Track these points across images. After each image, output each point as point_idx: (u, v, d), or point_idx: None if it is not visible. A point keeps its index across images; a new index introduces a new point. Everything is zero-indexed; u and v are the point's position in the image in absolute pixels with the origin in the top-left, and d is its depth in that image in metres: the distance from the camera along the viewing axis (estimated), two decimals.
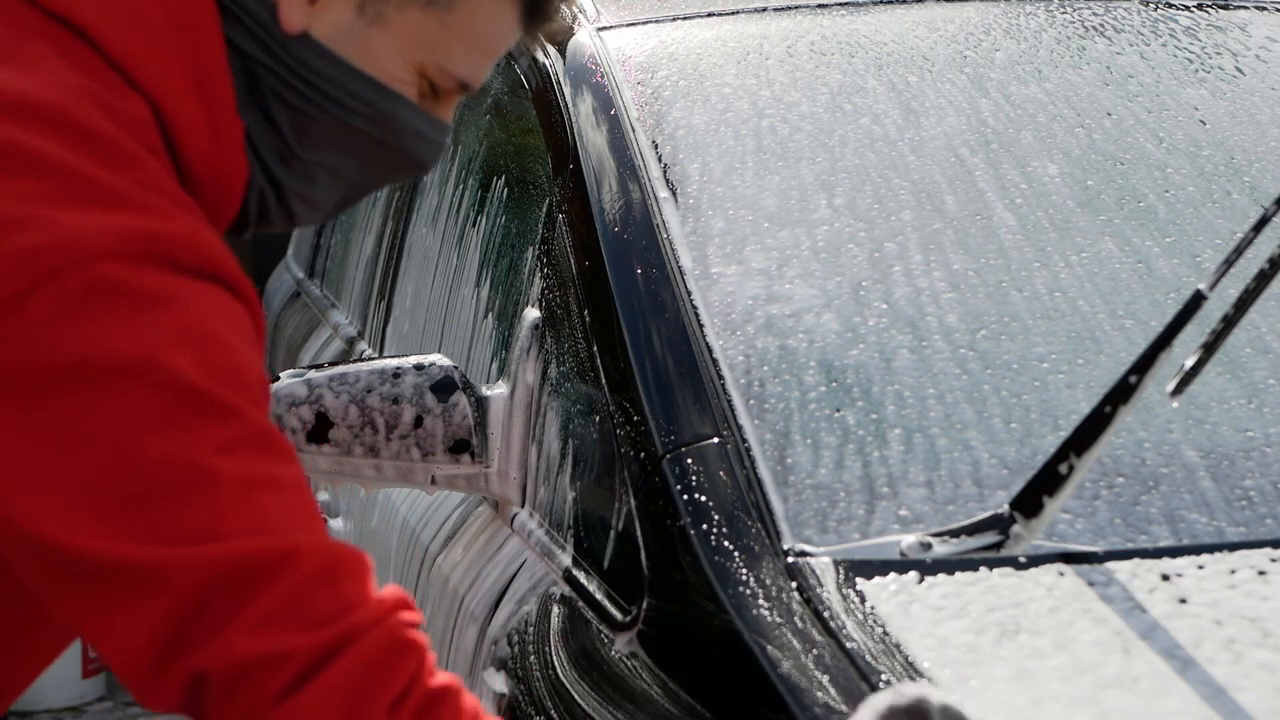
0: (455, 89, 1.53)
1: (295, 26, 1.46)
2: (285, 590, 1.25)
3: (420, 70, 1.49)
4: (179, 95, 1.41)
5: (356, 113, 1.48)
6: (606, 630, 1.78)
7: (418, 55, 1.48)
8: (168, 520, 1.25)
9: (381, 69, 1.48)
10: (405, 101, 1.49)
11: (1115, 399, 1.53)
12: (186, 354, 1.27)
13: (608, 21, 2.46)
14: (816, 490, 1.69)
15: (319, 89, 1.47)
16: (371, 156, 1.53)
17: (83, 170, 1.30)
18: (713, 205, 2.06)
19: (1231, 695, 1.37)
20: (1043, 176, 2.12)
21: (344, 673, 1.23)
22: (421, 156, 1.55)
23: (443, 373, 2.04)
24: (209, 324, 1.30)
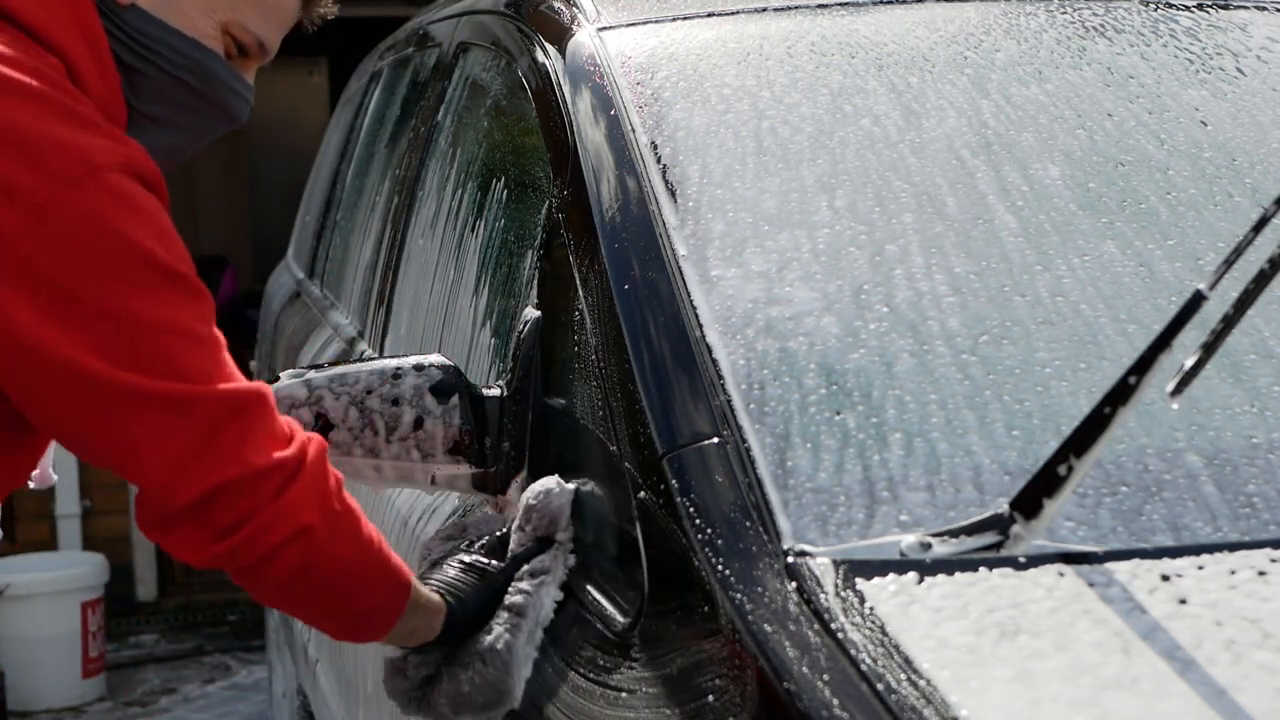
0: (256, 50, 1.91)
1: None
2: (263, 418, 1.71)
3: (225, 28, 1.87)
4: (78, 50, 1.77)
5: (180, 66, 1.85)
6: (606, 629, 1.78)
7: (222, 15, 1.86)
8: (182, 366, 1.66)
9: (196, 28, 1.85)
10: (218, 56, 1.87)
11: (1115, 400, 1.53)
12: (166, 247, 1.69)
13: (608, 21, 2.46)
14: (816, 490, 1.69)
15: (149, 48, 1.84)
16: (194, 110, 1.89)
17: (68, 100, 1.70)
18: (713, 206, 2.06)
19: (1232, 696, 1.37)
20: (1044, 179, 2.12)
21: (311, 470, 1.72)
22: (234, 109, 1.92)
23: (442, 373, 2.03)
24: (162, 223, 1.71)
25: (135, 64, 1.83)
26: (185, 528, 1.69)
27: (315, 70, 10.97)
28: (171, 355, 1.66)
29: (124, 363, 1.64)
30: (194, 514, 1.68)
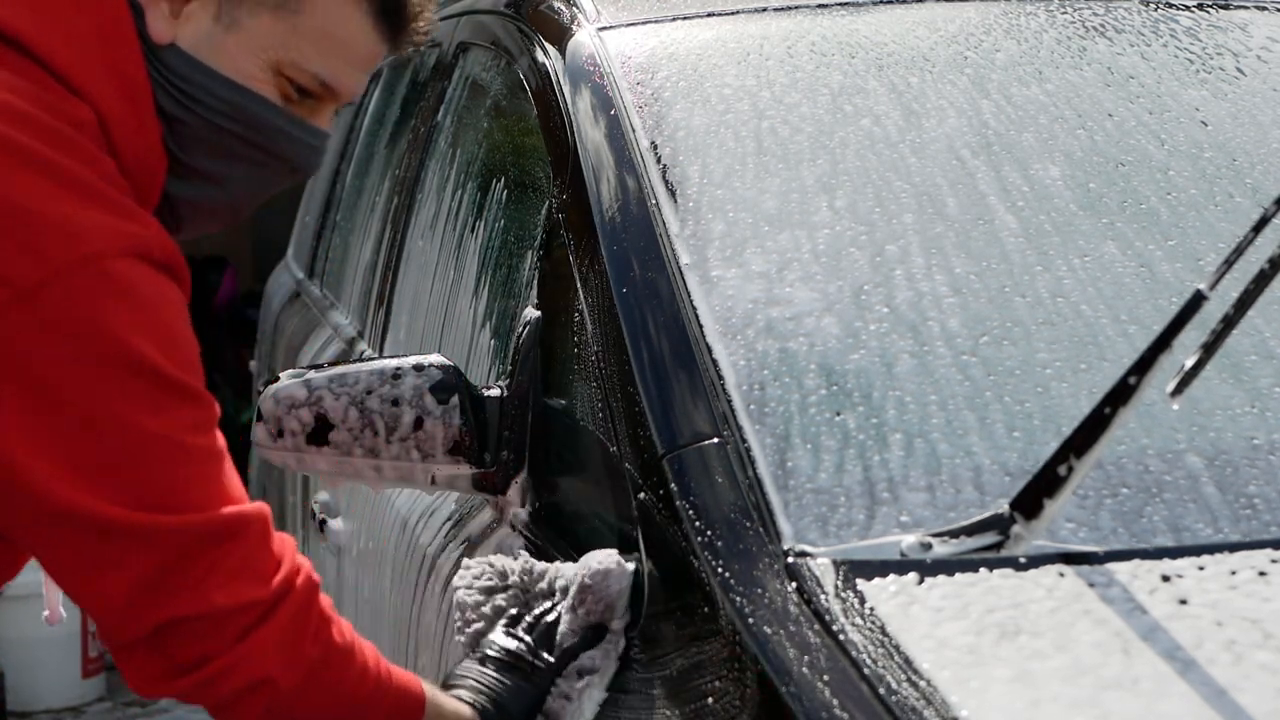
0: (320, 90, 1.66)
1: (163, 37, 1.62)
2: (243, 551, 1.54)
3: (276, 69, 1.64)
4: (113, 99, 1.58)
5: (222, 113, 1.63)
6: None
7: (273, 55, 1.63)
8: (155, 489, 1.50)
9: (240, 70, 1.63)
10: (265, 101, 1.64)
11: (1115, 400, 1.53)
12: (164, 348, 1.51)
13: (608, 21, 2.45)
14: (816, 491, 1.69)
15: (187, 94, 1.62)
16: (248, 161, 1.67)
17: (75, 170, 1.51)
18: (713, 206, 2.05)
19: (1232, 696, 1.37)
20: (1044, 179, 2.11)
21: (286, 615, 1.55)
22: (294, 158, 1.68)
23: (442, 373, 2.03)
24: (172, 318, 1.54)
25: (175, 111, 1.63)
26: (140, 657, 1.55)
27: None
28: (146, 478, 1.50)
29: (92, 486, 1.48)
30: (148, 645, 1.53)
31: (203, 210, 1.69)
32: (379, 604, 2.66)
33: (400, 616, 2.47)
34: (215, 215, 1.72)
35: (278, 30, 1.63)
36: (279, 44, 1.63)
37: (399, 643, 2.47)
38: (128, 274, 1.50)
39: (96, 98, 1.58)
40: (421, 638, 2.34)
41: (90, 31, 1.59)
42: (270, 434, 2.03)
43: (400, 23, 1.68)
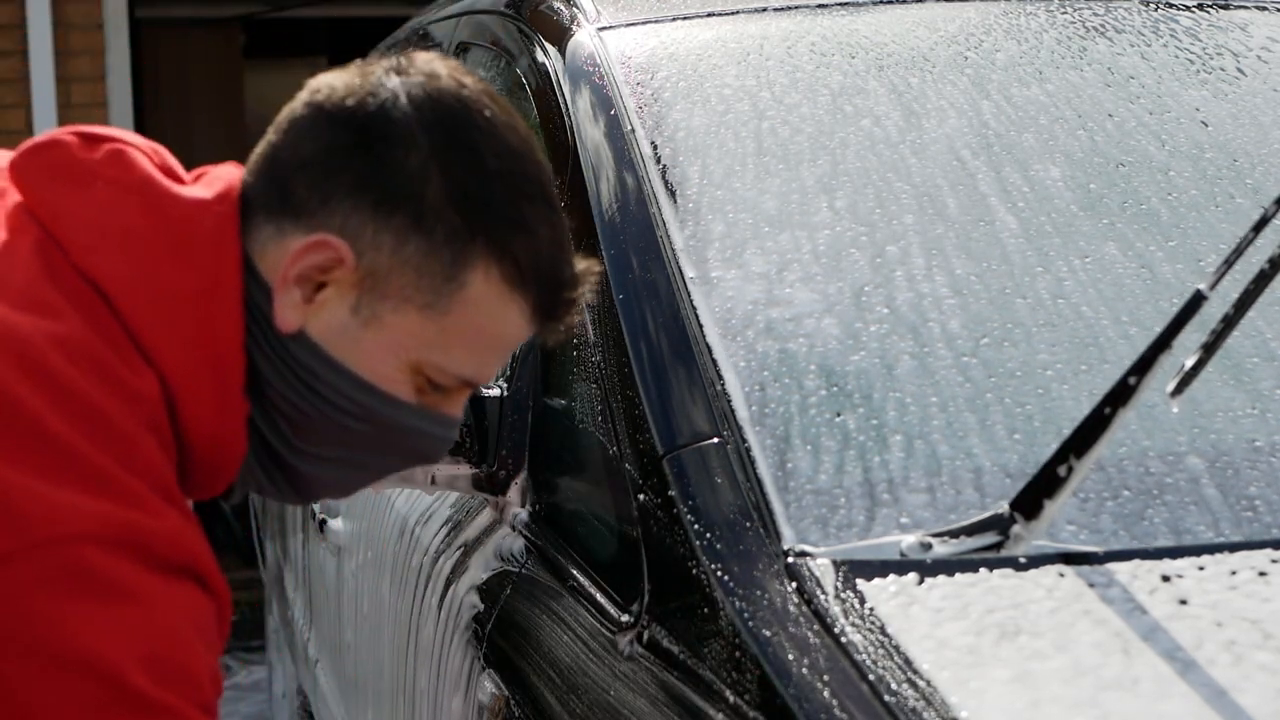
0: (459, 386, 1.51)
1: (291, 325, 1.45)
2: None
3: (417, 369, 1.47)
4: (190, 370, 1.42)
5: (350, 414, 1.47)
6: (606, 629, 1.78)
7: (414, 355, 1.46)
8: None
9: (375, 370, 1.46)
10: (399, 402, 1.48)
11: (1115, 400, 1.52)
12: (139, 655, 1.30)
13: (608, 21, 2.45)
14: (816, 491, 1.69)
15: (312, 388, 1.46)
16: (373, 449, 1.52)
17: (76, 446, 1.33)
18: (713, 207, 2.05)
19: (1232, 697, 1.37)
20: (1045, 179, 2.11)
21: None
22: (425, 451, 1.53)
23: None
24: (169, 624, 1.33)
25: (294, 399, 1.47)
26: None
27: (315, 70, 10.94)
28: None
29: None
30: None
31: (319, 484, 1.55)
32: (379, 604, 2.66)
33: (400, 617, 2.47)
34: (335, 488, 1.58)
35: (425, 331, 1.45)
36: (423, 345, 1.46)
37: (399, 643, 2.47)
38: (108, 566, 1.31)
39: (171, 369, 1.42)
40: (421, 638, 2.34)
41: (187, 296, 1.43)
42: None
43: (560, 315, 1.51)
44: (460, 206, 1.44)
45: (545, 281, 1.48)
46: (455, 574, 2.23)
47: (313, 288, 1.45)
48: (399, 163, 1.44)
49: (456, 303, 1.45)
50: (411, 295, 1.44)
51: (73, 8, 6.07)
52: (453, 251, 1.44)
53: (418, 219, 1.43)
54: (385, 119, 1.44)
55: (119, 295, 1.41)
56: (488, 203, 1.45)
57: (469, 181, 1.44)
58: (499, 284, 1.45)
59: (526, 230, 1.46)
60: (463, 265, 1.44)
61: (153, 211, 1.44)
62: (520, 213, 1.46)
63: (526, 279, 1.46)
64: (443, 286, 1.44)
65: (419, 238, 1.43)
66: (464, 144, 1.45)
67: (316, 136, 1.46)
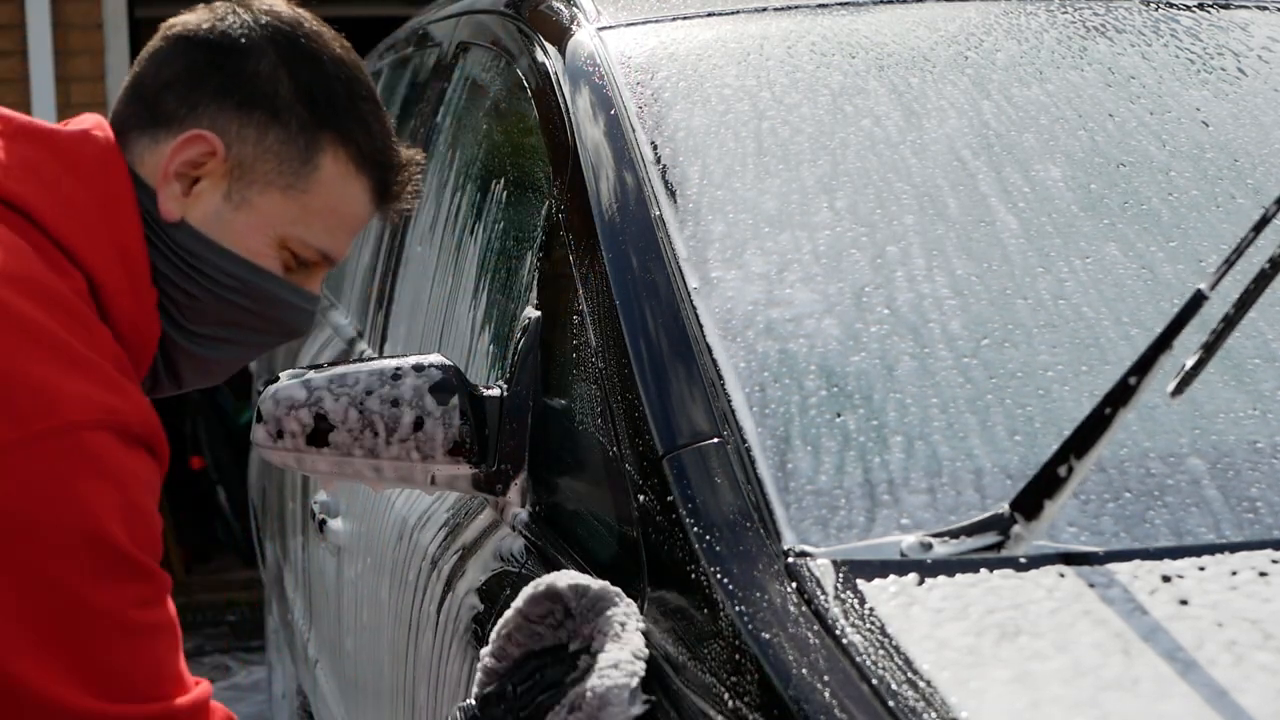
0: (319, 260, 1.79)
1: (173, 215, 1.73)
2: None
3: (282, 243, 1.75)
4: (110, 269, 1.66)
5: (229, 288, 1.73)
6: None
7: (280, 231, 1.74)
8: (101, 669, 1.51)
9: (248, 247, 1.73)
10: (272, 275, 1.75)
11: (1115, 400, 1.52)
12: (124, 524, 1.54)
13: (608, 21, 2.45)
14: (816, 491, 1.69)
15: (197, 269, 1.72)
16: (248, 326, 1.77)
17: (61, 336, 1.56)
18: (713, 207, 2.05)
19: (1233, 697, 1.37)
20: (1045, 180, 2.11)
21: None
22: (293, 323, 1.80)
23: (442, 374, 2.03)
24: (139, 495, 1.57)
25: (182, 283, 1.72)
26: None
27: None
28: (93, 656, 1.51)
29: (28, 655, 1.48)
30: None
31: (202, 367, 1.78)
32: (379, 605, 2.66)
33: (400, 617, 2.47)
34: (213, 372, 1.81)
35: (287, 208, 1.74)
36: (287, 221, 1.74)
37: (399, 643, 2.47)
38: (96, 446, 1.53)
39: (93, 267, 1.65)
40: (422, 638, 2.34)
41: (91, 204, 1.67)
42: (270, 435, 2.03)
43: (395, 194, 1.83)
44: (308, 102, 1.75)
45: (381, 165, 1.79)
46: (455, 574, 2.23)
47: (189, 182, 1.73)
48: (253, 70, 1.74)
49: (313, 183, 1.75)
50: (274, 179, 1.74)
51: (73, 8, 6.07)
52: (306, 139, 1.75)
53: (274, 113, 1.74)
54: (237, 37, 1.76)
55: (38, 211, 1.64)
56: (330, 99, 1.76)
57: (313, 82, 1.76)
58: (345, 165, 1.76)
59: (363, 122, 1.78)
60: (315, 150, 1.75)
61: (44, 145, 1.70)
62: (357, 108, 1.78)
63: (366, 162, 1.78)
64: (300, 169, 1.74)
65: (277, 128, 1.74)
66: (305, 53, 1.77)
67: (177, 59, 1.76)
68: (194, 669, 6.68)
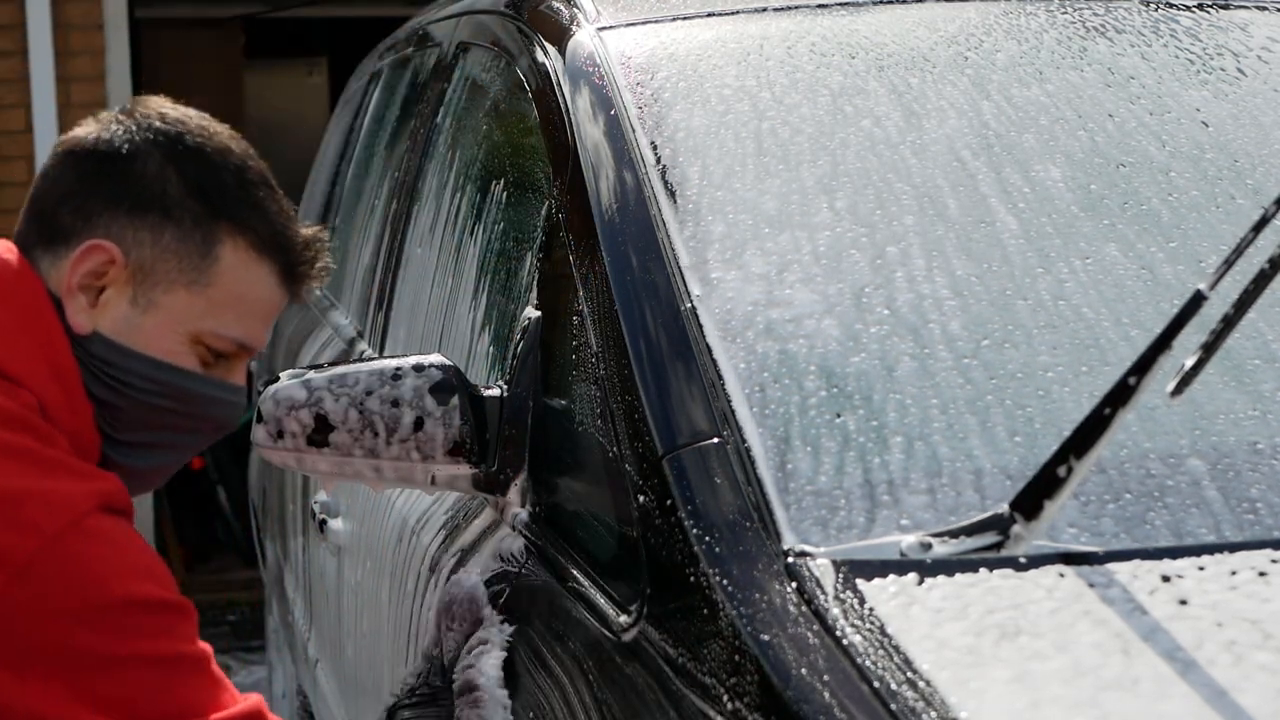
0: (236, 351, 1.81)
1: (84, 328, 1.75)
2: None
3: (196, 339, 1.77)
4: (47, 385, 1.71)
5: (151, 393, 1.76)
6: (606, 630, 1.78)
7: (191, 327, 1.76)
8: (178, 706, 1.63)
9: (162, 348, 1.76)
10: (190, 373, 1.77)
11: (1115, 400, 1.52)
12: (148, 578, 1.66)
13: (608, 21, 2.45)
14: (816, 492, 1.69)
15: (116, 379, 1.74)
16: (176, 429, 1.80)
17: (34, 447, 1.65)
18: (713, 207, 2.05)
19: (1233, 697, 1.37)
20: (1045, 180, 2.11)
21: None
22: (220, 417, 1.82)
23: (442, 374, 2.03)
24: (141, 550, 1.68)
25: (106, 395, 1.76)
26: None
27: (315, 70, 10.97)
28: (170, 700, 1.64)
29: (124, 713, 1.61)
30: None
31: (137, 475, 1.80)
32: (379, 605, 2.66)
33: (401, 617, 2.47)
34: (148, 479, 1.86)
35: (194, 304, 1.77)
36: (196, 316, 1.77)
37: (399, 643, 2.47)
38: (103, 526, 1.65)
39: (33, 385, 1.70)
40: (422, 638, 2.33)
41: (18, 328, 1.72)
42: (270, 435, 2.03)
43: (302, 275, 1.84)
44: (198, 195, 1.78)
45: (282, 247, 1.81)
46: (455, 574, 2.23)
47: (95, 293, 1.75)
48: (140, 173, 1.77)
49: (215, 275, 1.77)
50: (177, 277, 1.76)
51: (73, 8, 6.07)
52: (202, 232, 1.77)
53: (166, 212, 1.76)
54: (121, 144, 1.79)
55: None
56: (221, 189, 1.79)
57: (201, 175, 1.79)
58: (245, 252, 1.79)
59: (257, 208, 1.80)
60: (212, 242, 1.77)
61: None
62: (250, 195, 1.80)
63: (267, 246, 1.80)
64: (200, 263, 1.77)
65: (172, 227, 1.76)
66: (190, 148, 1.79)
67: (69, 173, 1.79)
68: None
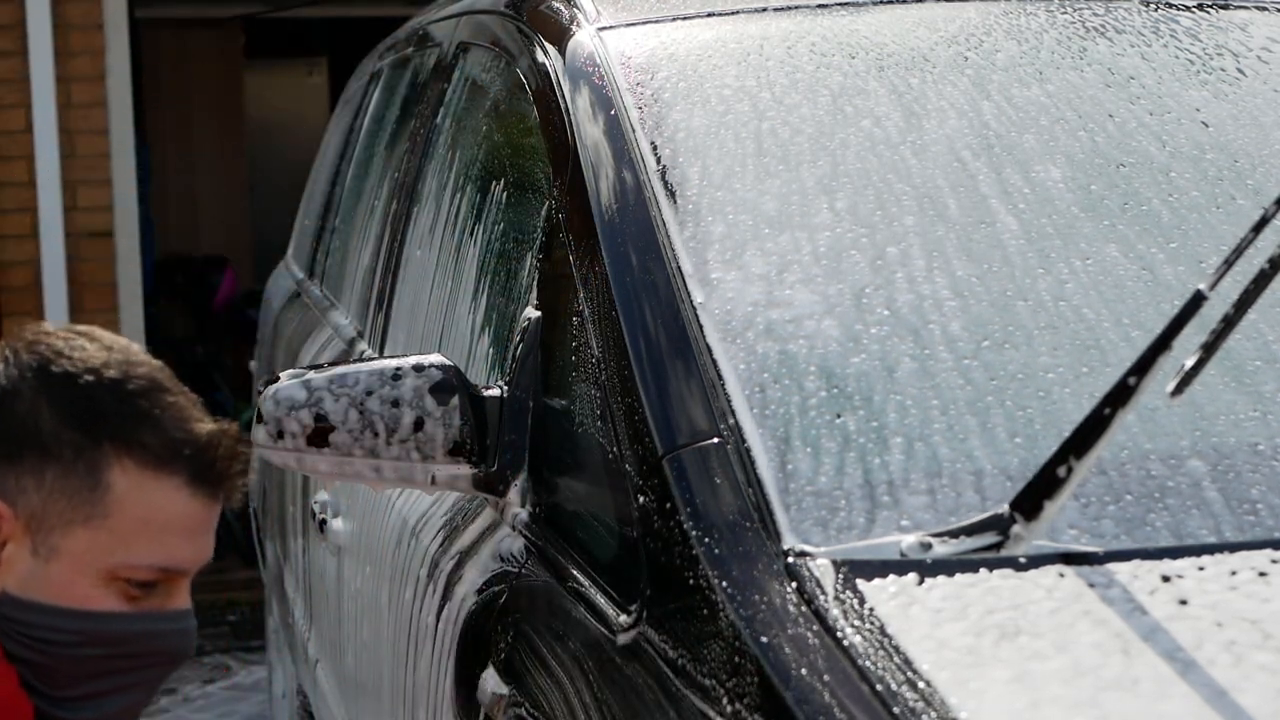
0: (162, 577, 1.63)
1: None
2: None
3: (111, 576, 1.60)
4: None
5: (76, 644, 1.60)
6: (606, 630, 1.78)
7: (102, 565, 1.60)
8: None
9: (75, 595, 1.60)
10: (112, 615, 1.61)
11: (1114, 401, 1.52)
12: None
13: (608, 21, 2.45)
14: (816, 492, 1.69)
15: (34, 638, 1.60)
16: (119, 671, 1.64)
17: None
18: (713, 208, 2.05)
19: (1233, 697, 1.37)
20: (1045, 181, 2.11)
21: None
22: (169, 648, 1.65)
23: (442, 374, 2.03)
24: None
25: (30, 655, 1.61)
26: None
27: (315, 70, 10.97)
28: None
29: None
30: None
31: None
32: (379, 605, 2.66)
33: (401, 617, 2.47)
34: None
35: (97, 541, 1.61)
36: (103, 553, 1.61)
37: (399, 643, 2.47)
38: None
39: None
40: (422, 638, 2.34)
41: None
42: (270, 435, 2.03)
43: (218, 476, 1.65)
44: (74, 424, 1.61)
45: (184, 455, 1.62)
46: (455, 574, 2.23)
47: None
48: (10, 414, 1.62)
49: (110, 504, 1.60)
50: (72, 516, 1.60)
51: (73, 8, 6.07)
52: (85, 462, 1.60)
53: (44, 451, 1.61)
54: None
55: None
56: (97, 411, 1.62)
57: (73, 401, 1.62)
58: (139, 472, 1.61)
59: (144, 418, 1.62)
60: (99, 469, 1.60)
61: None
62: (132, 407, 1.63)
63: (164, 459, 1.62)
64: (91, 495, 1.60)
65: (52, 464, 1.61)
66: (58, 375, 1.63)
67: None
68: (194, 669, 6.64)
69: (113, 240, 6.06)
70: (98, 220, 6.05)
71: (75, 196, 6.02)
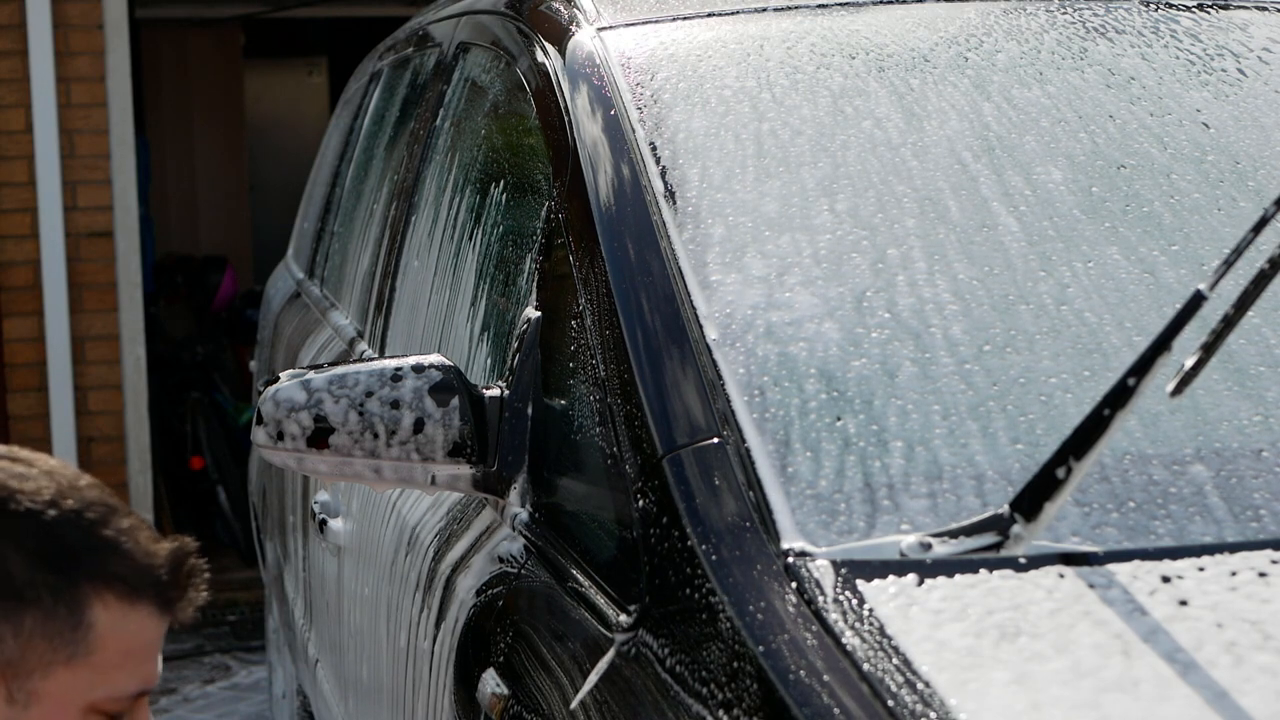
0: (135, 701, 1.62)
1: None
2: None
3: (90, 710, 1.58)
4: None
5: None
6: (606, 631, 1.78)
7: (83, 701, 1.58)
8: None
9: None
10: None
11: (1114, 401, 1.52)
12: None
13: (608, 21, 2.45)
14: (816, 492, 1.69)
15: None
16: None
17: None
18: (713, 209, 2.05)
19: (1233, 698, 1.37)
20: (1046, 182, 2.11)
21: None
22: None
23: (442, 374, 2.03)
24: None
25: None
26: None
27: (315, 70, 10.98)
28: None
29: None
30: None
31: None
32: (379, 605, 2.66)
33: (400, 617, 2.47)
34: None
35: (79, 679, 1.59)
36: (85, 690, 1.59)
37: (399, 644, 2.47)
38: None
39: None
40: (421, 638, 2.34)
41: None
42: (271, 437, 2.03)
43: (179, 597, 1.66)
44: (47, 566, 1.57)
45: (153, 581, 1.62)
46: (455, 574, 2.23)
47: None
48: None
49: (94, 641, 1.58)
50: (52, 658, 1.56)
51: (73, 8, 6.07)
52: (65, 603, 1.57)
53: (18, 597, 1.56)
54: None
55: None
56: (68, 549, 1.58)
57: (43, 541, 1.57)
58: (118, 604, 1.59)
59: (112, 548, 1.60)
60: (80, 608, 1.58)
61: None
62: (100, 540, 1.60)
63: (138, 586, 1.60)
64: (74, 635, 1.57)
65: (30, 610, 1.57)
66: (21, 515, 1.57)
67: None
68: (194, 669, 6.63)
69: (113, 240, 6.06)
70: (98, 220, 6.05)
71: (75, 196, 6.02)
